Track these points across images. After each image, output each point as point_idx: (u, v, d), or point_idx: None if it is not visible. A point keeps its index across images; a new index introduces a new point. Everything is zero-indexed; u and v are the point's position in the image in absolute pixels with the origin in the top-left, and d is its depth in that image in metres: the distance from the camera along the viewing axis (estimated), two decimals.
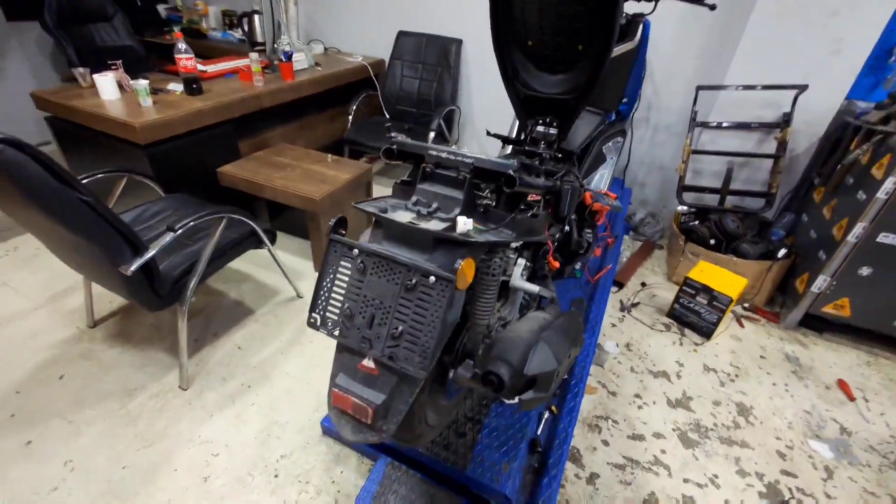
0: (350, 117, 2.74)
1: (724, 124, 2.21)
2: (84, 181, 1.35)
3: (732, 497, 1.34)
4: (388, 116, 2.94)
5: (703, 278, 1.88)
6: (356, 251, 0.74)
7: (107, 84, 1.89)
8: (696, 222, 2.26)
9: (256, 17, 2.66)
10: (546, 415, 1.36)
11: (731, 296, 1.80)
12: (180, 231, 1.32)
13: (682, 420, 1.56)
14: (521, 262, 1.04)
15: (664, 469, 1.40)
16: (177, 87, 2.06)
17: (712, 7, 1.23)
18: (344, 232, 0.79)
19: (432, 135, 2.51)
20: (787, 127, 2.07)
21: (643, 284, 2.25)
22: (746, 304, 2.14)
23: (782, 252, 2.04)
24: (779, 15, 1.92)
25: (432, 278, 0.68)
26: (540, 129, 1.38)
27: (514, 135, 1.85)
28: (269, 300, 1.95)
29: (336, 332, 0.75)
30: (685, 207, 2.32)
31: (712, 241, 2.16)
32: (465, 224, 0.73)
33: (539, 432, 1.29)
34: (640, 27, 1.42)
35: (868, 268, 1.76)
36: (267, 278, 2.07)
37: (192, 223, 1.35)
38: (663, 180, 2.64)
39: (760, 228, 2.23)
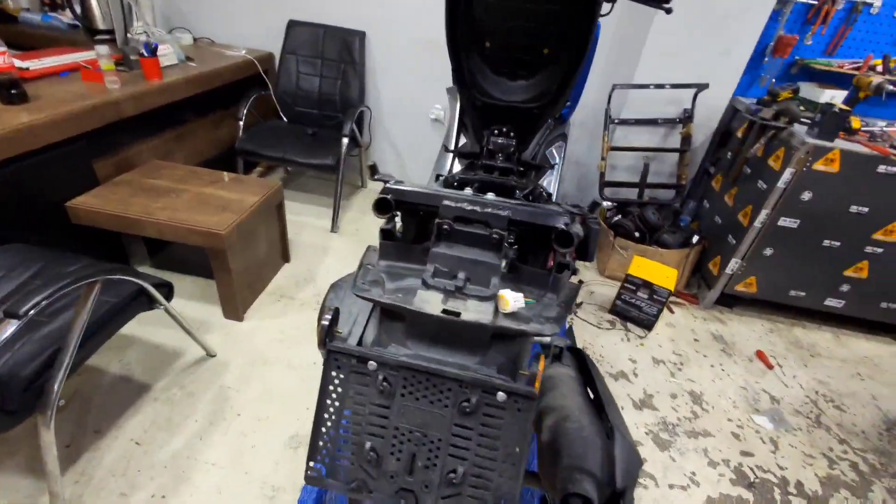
0: (241, 123, 2.29)
1: (633, 121, 2.30)
2: None
3: (712, 491, 1.38)
4: (285, 119, 2.54)
5: (642, 273, 1.94)
6: (374, 364, 0.50)
7: None
8: (620, 216, 2.35)
9: None
10: None
11: (669, 287, 1.89)
12: (28, 316, 0.90)
13: (651, 421, 1.58)
14: None
15: (651, 480, 1.39)
16: None
17: (668, 11, 1.20)
18: (341, 332, 0.54)
19: (346, 141, 2.23)
20: (689, 122, 2.22)
21: (581, 282, 2.27)
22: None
23: (696, 238, 2.21)
24: (679, 17, 2.02)
25: (501, 394, 0.49)
26: (498, 140, 1.26)
27: (451, 144, 1.70)
28: (170, 367, 1.52)
29: (354, 486, 0.51)
30: (609, 203, 2.39)
31: (637, 234, 2.26)
32: (515, 302, 0.55)
33: None
34: None
35: (770, 248, 1.97)
36: (161, 337, 1.62)
37: (43, 302, 0.94)
38: (580, 175, 2.70)
39: (674, 218, 2.40)
